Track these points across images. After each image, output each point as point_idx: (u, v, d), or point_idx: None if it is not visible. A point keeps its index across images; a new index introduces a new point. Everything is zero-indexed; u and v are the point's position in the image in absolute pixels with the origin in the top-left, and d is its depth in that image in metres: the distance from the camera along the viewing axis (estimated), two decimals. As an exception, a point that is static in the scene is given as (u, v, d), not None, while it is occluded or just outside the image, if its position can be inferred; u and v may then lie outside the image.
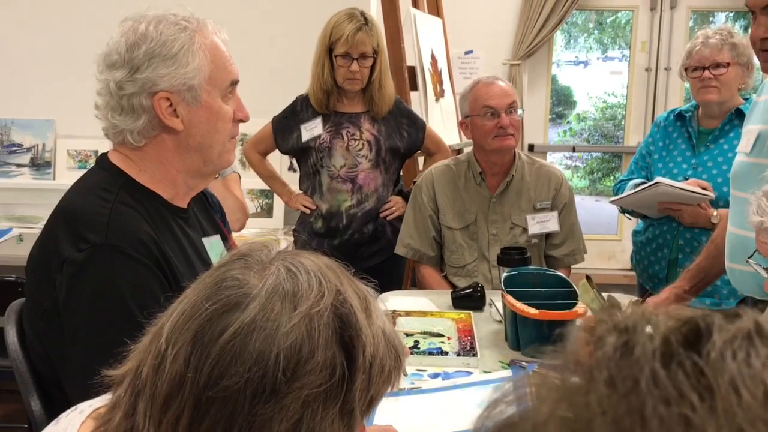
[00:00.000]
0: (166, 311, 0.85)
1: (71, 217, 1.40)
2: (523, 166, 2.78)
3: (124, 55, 1.40)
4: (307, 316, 0.79)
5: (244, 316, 0.78)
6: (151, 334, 0.85)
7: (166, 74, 1.40)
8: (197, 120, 1.45)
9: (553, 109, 5.23)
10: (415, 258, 2.86)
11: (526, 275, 2.28)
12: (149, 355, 0.81)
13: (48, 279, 1.36)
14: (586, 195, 6.44)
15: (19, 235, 3.65)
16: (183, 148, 1.47)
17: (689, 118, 2.80)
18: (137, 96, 1.40)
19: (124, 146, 1.48)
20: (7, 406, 3.64)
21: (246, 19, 3.89)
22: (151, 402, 0.79)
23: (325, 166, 3.02)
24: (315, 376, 0.78)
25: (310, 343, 0.79)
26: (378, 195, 3.05)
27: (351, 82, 2.93)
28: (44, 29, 3.99)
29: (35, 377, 1.45)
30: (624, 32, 5.16)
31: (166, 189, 1.50)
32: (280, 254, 0.86)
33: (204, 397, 0.77)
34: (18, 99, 4.04)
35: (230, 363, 0.77)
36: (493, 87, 2.69)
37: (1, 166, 4.06)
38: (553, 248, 2.80)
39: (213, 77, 1.45)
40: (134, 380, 0.82)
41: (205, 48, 1.44)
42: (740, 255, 1.90)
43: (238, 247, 0.89)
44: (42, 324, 1.37)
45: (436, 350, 2.05)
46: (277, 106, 3.09)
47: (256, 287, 0.81)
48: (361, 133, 3.00)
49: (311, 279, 0.83)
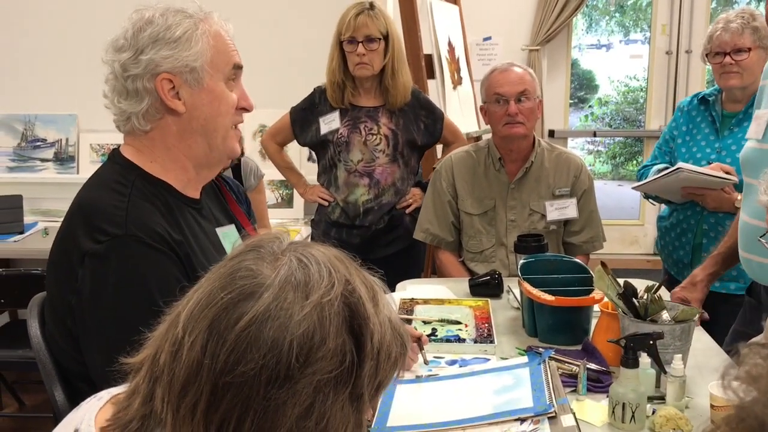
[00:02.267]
0: (182, 300, 0.88)
1: (88, 211, 1.42)
2: (542, 153, 2.78)
3: (131, 39, 1.44)
4: (319, 305, 0.82)
5: (258, 305, 0.81)
6: (167, 322, 0.87)
7: (169, 56, 1.43)
8: (200, 102, 1.47)
9: (575, 94, 5.19)
10: (433, 243, 2.87)
11: (543, 262, 2.29)
12: (166, 342, 0.84)
13: (70, 274, 1.39)
14: (609, 180, 6.39)
15: (45, 228, 3.72)
16: (187, 132, 1.49)
17: (713, 102, 2.78)
18: (140, 78, 1.43)
19: (134, 137, 1.51)
20: (36, 396, 3.72)
21: (264, 9, 3.91)
22: (169, 388, 0.82)
23: (342, 161, 3.03)
24: (326, 362, 0.81)
25: (322, 331, 0.81)
26: (396, 188, 3.06)
27: (360, 67, 2.93)
28: (66, 25, 4.04)
29: (58, 369, 1.48)
30: (645, 14, 5.10)
31: (178, 177, 1.53)
32: (292, 245, 0.89)
33: (221, 383, 0.79)
34: (41, 95, 4.11)
35: (246, 350, 0.79)
36: (506, 74, 2.68)
37: (25, 161, 4.13)
38: (572, 235, 2.79)
39: (215, 61, 1.47)
40: (152, 367, 0.85)
41: (209, 34, 1.47)
42: (754, 244, 1.87)
43: (251, 239, 0.91)
44: (69, 320, 1.40)
45: (453, 337, 2.06)
46: (296, 96, 3.10)
47: (269, 277, 0.83)
48: (379, 127, 3.01)
49: (322, 269, 0.85)
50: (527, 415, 1.53)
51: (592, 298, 2.00)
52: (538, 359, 1.80)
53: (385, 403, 1.69)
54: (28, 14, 4.07)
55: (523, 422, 1.52)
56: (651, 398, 1.65)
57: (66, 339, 1.42)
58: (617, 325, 1.84)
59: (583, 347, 1.93)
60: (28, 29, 4.08)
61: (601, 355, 1.87)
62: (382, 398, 1.71)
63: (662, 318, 1.80)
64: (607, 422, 1.60)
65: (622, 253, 4.57)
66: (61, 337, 1.44)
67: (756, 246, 1.84)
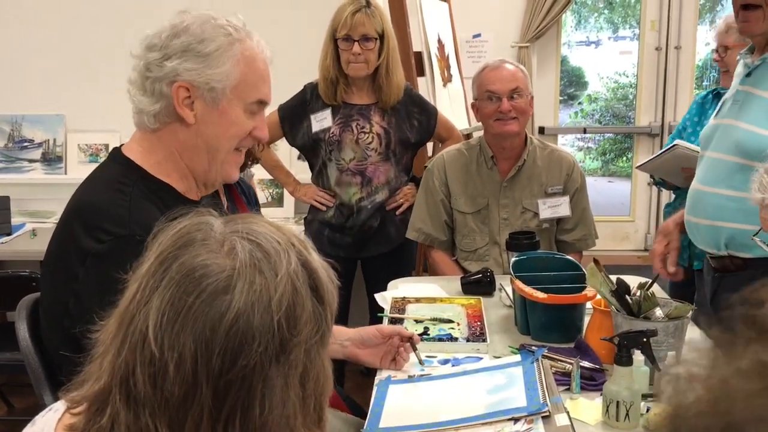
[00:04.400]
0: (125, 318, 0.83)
1: (90, 211, 1.41)
2: (534, 151, 2.77)
3: (164, 41, 1.43)
4: (289, 277, 0.84)
5: (236, 298, 0.80)
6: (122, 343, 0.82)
7: (193, 70, 1.41)
8: (210, 119, 1.46)
9: (565, 91, 5.19)
10: (426, 242, 2.86)
11: (535, 259, 2.28)
12: (137, 364, 0.80)
13: (68, 274, 1.38)
14: (599, 176, 6.40)
15: (33, 230, 3.68)
16: (190, 144, 1.48)
17: None
18: (160, 82, 1.43)
19: (142, 132, 1.49)
20: (25, 399, 3.69)
21: (254, 6, 3.89)
22: (161, 408, 0.79)
23: (333, 159, 3.01)
24: (310, 326, 0.84)
25: (299, 299, 0.84)
26: (390, 187, 3.05)
27: (355, 66, 2.90)
28: (53, 25, 4.00)
29: (48, 372, 1.47)
30: (634, 11, 5.10)
31: (180, 182, 1.52)
32: (227, 227, 0.87)
33: (222, 383, 0.79)
34: (28, 95, 4.07)
35: (241, 343, 0.79)
36: (497, 71, 2.67)
37: (13, 161, 4.09)
38: (565, 233, 2.79)
39: (239, 88, 1.45)
40: (125, 393, 0.81)
41: (242, 58, 1.44)
42: (699, 209, 2.16)
43: (170, 231, 0.88)
44: (67, 320, 1.37)
45: (445, 336, 2.05)
46: (284, 94, 3.07)
47: (230, 267, 0.82)
48: (371, 126, 2.98)
49: (272, 242, 0.86)
50: (521, 415, 1.52)
51: (585, 295, 2.00)
52: (531, 358, 1.79)
53: (378, 404, 1.68)
54: (14, 14, 4.04)
55: (517, 422, 1.51)
56: (645, 396, 1.64)
57: (62, 339, 1.40)
58: (610, 322, 1.84)
59: (576, 345, 1.93)
60: (14, 29, 4.04)
61: (594, 352, 1.86)
62: (375, 398, 1.70)
63: (655, 315, 1.80)
64: (601, 420, 1.60)
65: (612, 250, 4.57)
66: (56, 337, 1.42)
67: (700, 210, 2.15)
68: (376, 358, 1.87)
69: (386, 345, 1.86)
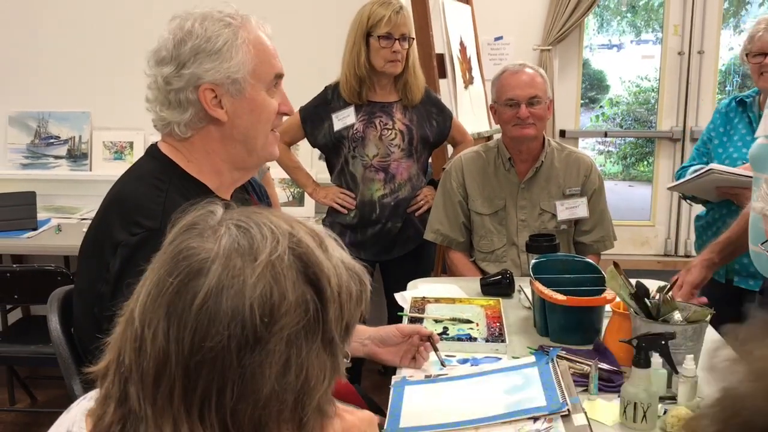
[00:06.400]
0: (132, 297, 0.88)
1: (126, 204, 1.45)
2: (552, 153, 2.78)
3: (172, 51, 1.46)
4: (269, 263, 0.83)
5: (209, 280, 0.82)
6: (123, 322, 0.88)
7: (211, 68, 1.44)
8: (241, 111, 1.49)
9: (586, 94, 5.18)
10: (444, 243, 2.88)
11: (555, 262, 2.29)
12: (126, 341, 0.85)
13: (101, 263, 1.42)
14: (619, 180, 6.38)
15: (58, 225, 3.74)
16: (228, 139, 1.52)
17: (750, 103, 2.81)
18: (183, 91, 1.46)
19: (172, 137, 1.53)
20: (47, 392, 3.75)
21: (273, 9, 3.92)
22: (141, 383, 0.83)
23: (358, 156, 3.04)
24: (291, 316, 0.83)
25: (279, 287, 0.83)
26: (412, 184, 3.08)
27: (393, 64, 2.96)
28: (80, 24, 4.06)
29: (77, 362, 1.50)
30: (657, 15, 5.08)
31: (213, 179, 1.55)
32: (227, 214, 0.90)
33: (192, 363, 0.80)
34: (54, 92, 4.13)
35: (209, 325, 0.80)
36: (517, 76, 2.68)
37: (39, 158, 4.15)
38: (583, 234, 2.80)
39: (257, 71, 1.49)
40: (118, 369, 0.86)
41: (249, 42, 1.48)
42: (762, 237, 1.92)
43: (184, 218, 0.91)
44: (97, 308, 1.42)
45: (464, 336, 2.07)
46: (303, 96, 3.09)
47: (212, 251, 0.84)
48: (394, 122, 3.03)
49: (262, 229, 0.86)
50: (541, 414, 1.54)
51: (604, 298, 2.01)
52: (545, 358, 1.81)
53: (396, 404, 1.70)
54: (42, 12, 4.10)
55: (537, 421, 1.53)
56: (662, 398, 1.65)
57: (92, 326, 1.43)
58: (629, 325, 1.85)
59: (594, 347, 1.94)
60: (41, 27, 4.10)
61: (612, 355, 1.87)
62: (393, 399, 1.72)
63: (674, 318, 1.81)
64: (619, 422, 1.61)
65: (632, 254, 4.56)
66: (87, 323, 1.46)
67: (762, 237, 1.88)
68: (396, 356, 1.89)
69: (406, 344, 1.89)
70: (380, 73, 2.99)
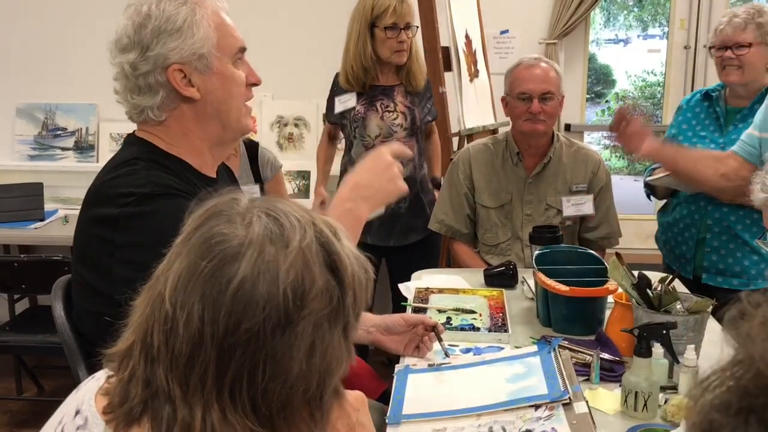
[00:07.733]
0: (153, 281, 0.90)
1: (107, 188, 1.44)
2: (561, 148, 2.77)
3: (133, 37, 1.46)
4: (300, 250, 0.87)
5: (245, 266, 0.84)
6: (147, 304, 0.89)
7: (175, 47, 1.45)
8: (212, 87, 1.49)
9: (592, 88, 5.18)
10: (448, 234, 2.88)
11: (558, 253, 2.30)
12: (155, 322, 0.87)
13: (101, 247, 1.40)
14: (624, 175, 6.39)
15: (65, 216, 3.76)
16: (202, 116, 1.52)
17: (716, 97, 2.75)
18: (152, 74, 1.45)
19: (148, 124, 1.53)
20: (54, 381, 3.77)
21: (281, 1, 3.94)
22: (172, 365, 0.85)
23: (359, 137, 3.09)
24: (319, 301, 0.86)
25: (309, 273, 0.86)
26: (414, 164, 3.11)
27: (399, 54, 3.01)
28: (87, 16, 4.07)
29: (83, 350, 1.52)
30: (664, 9, 5.07)
31: (195, 160, 1.55)
32: (252, 203, 0.92)
33: (226, 345, 0.83)
34: (62, 84, 4.15)
35: (245, 309, 0.83)
36: (532, 70, 2.67)
37: (46, 149, 4.18)
38: (588, 231, 2.80)
39: (221, 44, 1.49)
40: (144, 349, 0.88)
41: (208, 18, 1.48)
42: None
43: (204, 205, 0.93)
44: (107, 279, 1.40)
45: (468, 326, 2.08)
46: (313, 87, 3.17)
47: (245, 237, 0.87)
48: (395, 105, 3.09)
49: (290, 218, 0.90)
50: (543, 402, 1.55)
51: (606, 288, 2.02)
52: (547, 348, 1.82)
53: (399, 392, 1.71)
54: (49, 4, 4.12)
55: (538, 408, 1.54)
56: (663, 388, 1.66)
57: (103, 307, 1.41)
58: (631, 315, 1.86)
59: (596, 337, 1.95)
60: (49, 19, 4.12)
61: (614, 345, 1.88)
62: (395, 387, 1.74)
63: (676, 309, 1.82)
64: (620, 411, 1.62)
65: (637, 248, 4.56)
66: (91, 316, 1.45)
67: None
68: (400, 345, 1.91)
69: (410, 333, 1.90)
70: (385, 62, 3.02)
